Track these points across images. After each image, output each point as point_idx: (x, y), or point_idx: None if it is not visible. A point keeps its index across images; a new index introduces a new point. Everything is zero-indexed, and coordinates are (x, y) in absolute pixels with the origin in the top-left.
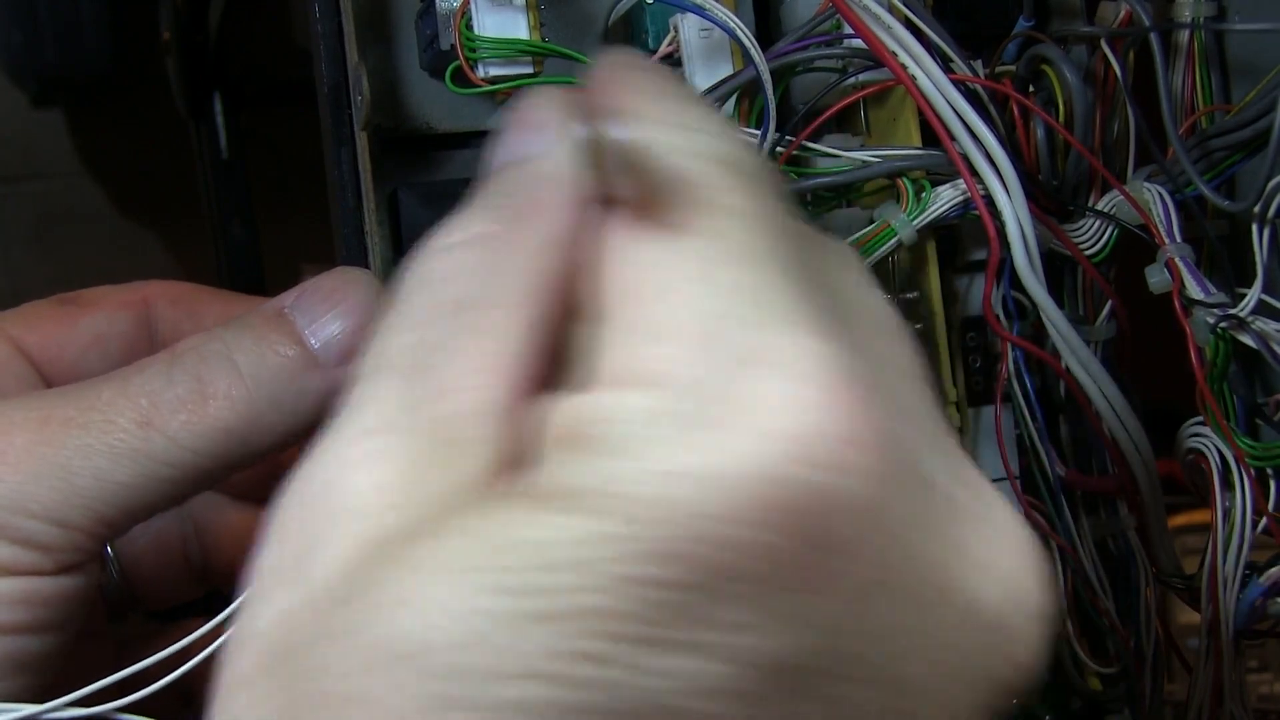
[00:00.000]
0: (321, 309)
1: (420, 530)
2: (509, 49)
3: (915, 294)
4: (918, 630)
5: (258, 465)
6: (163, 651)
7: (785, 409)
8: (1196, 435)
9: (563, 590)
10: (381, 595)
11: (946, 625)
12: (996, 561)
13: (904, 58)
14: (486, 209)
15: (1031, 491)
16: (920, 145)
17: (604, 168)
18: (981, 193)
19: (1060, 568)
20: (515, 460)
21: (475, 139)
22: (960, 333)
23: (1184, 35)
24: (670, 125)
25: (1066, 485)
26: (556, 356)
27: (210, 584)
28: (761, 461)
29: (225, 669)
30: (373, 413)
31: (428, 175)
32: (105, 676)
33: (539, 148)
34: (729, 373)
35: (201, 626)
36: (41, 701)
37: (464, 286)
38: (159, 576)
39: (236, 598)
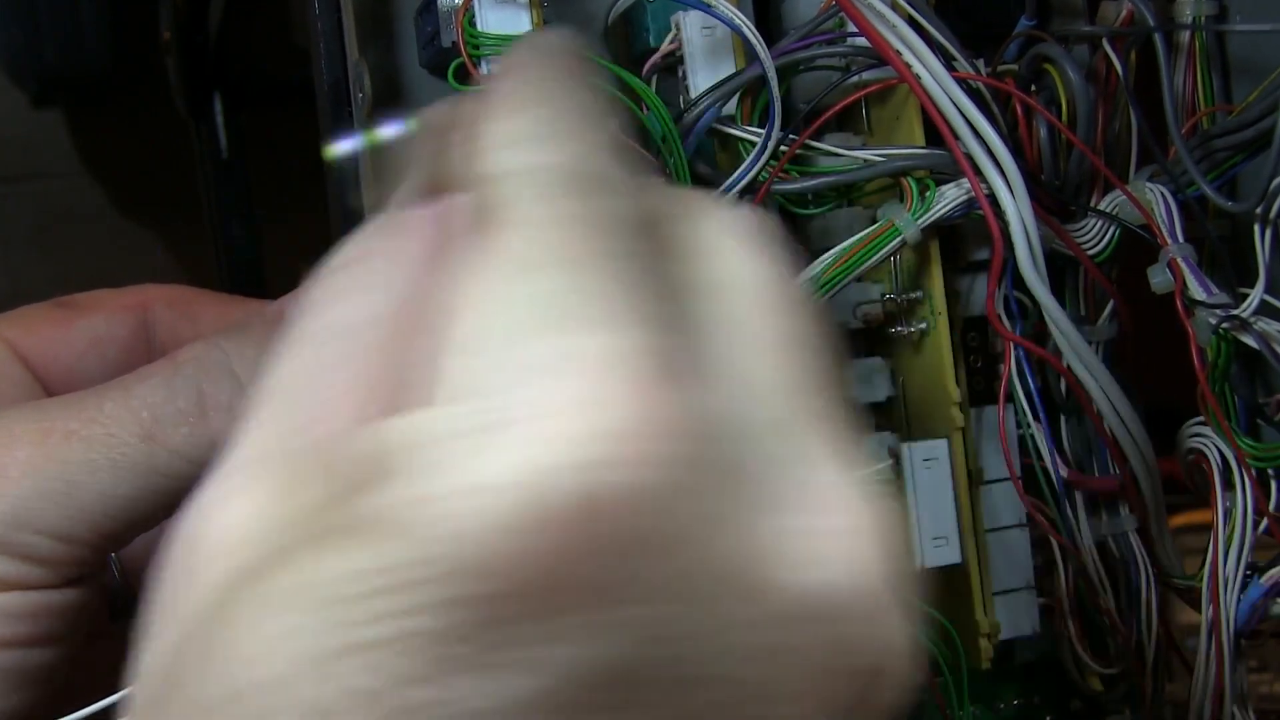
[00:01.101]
0: None
1: (259, 567)
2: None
3: (919, 294)
4: (742, 627)
5: None
6: None
7: (560, 412)
8: (1197, 435)
9: (375, 618)
10: (230, 632)
11: (779, 619)
12: (825, 548)
13: (908, 56)
14: (359, 233)
15: (1034, 491)
16: (924, 144)
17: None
18: (985, 192)
19: (1061, 567)
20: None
21: None
22: (962, 332)
23: (1185, 35)
24: (489, 146)
25: (1068, 485)
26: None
27: None
28: (546, 467)
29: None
30: (246, 444)
31: None
32: (110, 678)
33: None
34: (519, 382)
35: None
36: (47, 715)
37: (333, 313)
38: None
39: None
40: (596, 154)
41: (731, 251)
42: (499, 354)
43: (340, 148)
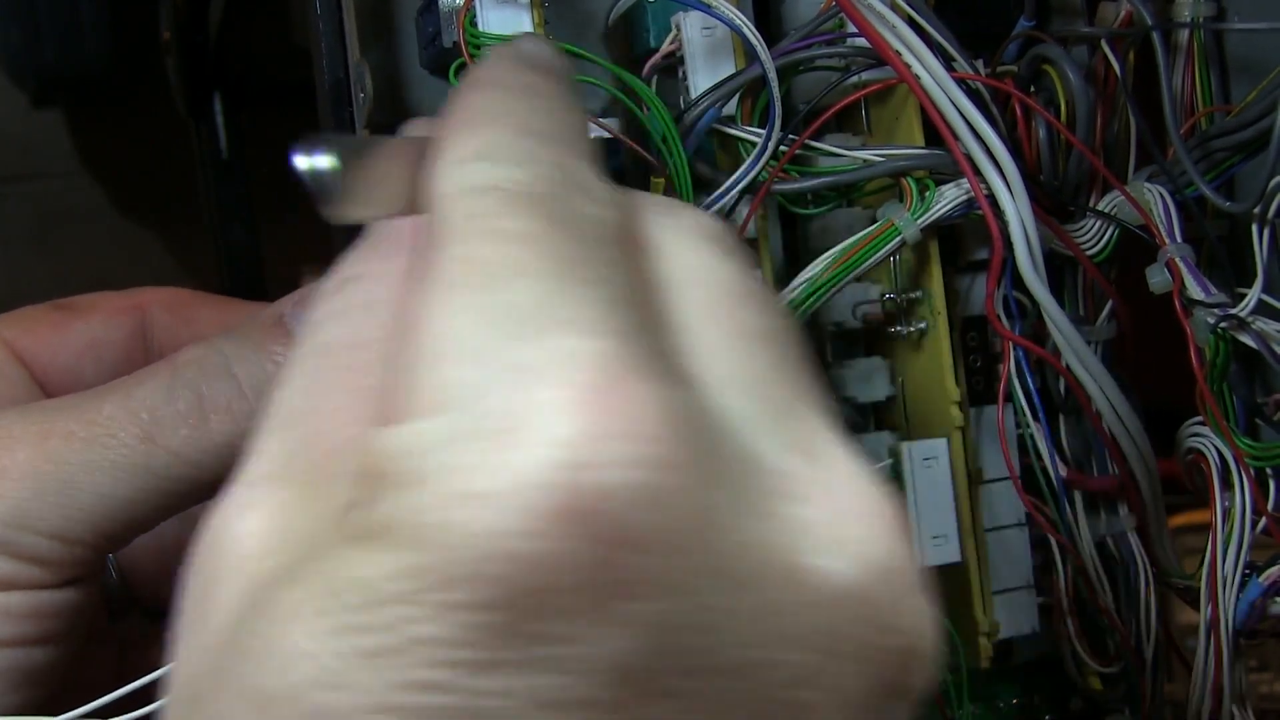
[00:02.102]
0: None
1: (284, 576)
2: None
3: (919, 293)
4: (765, 615)
5: None
6: (166, 668)
7: (556, 413)
8: (1196, 435)
9: (393, 624)
10: (252, 642)
11: (800, 606)
12: (843, 532)
13: (907, 56)
14: (358, 249)
15: (1033, 491)
16: (923, 144)
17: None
18: (985, 192)
19: (1061, 567)
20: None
21: None
22: (962, 332)
23: (1183, 35)
24: (449, 161)
25: (1067, 485)
26: None
27: None
28: (539, 470)
29: None
30: (257, 462)
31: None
32: (108, 678)
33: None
34: (502, 386)
35: None
36: (46, 714)
37: (338, 327)
38: (159, 578)
39: None
40: (557, 167)
41: (696, 251)
42: (476, 361)
43: (311, 159)
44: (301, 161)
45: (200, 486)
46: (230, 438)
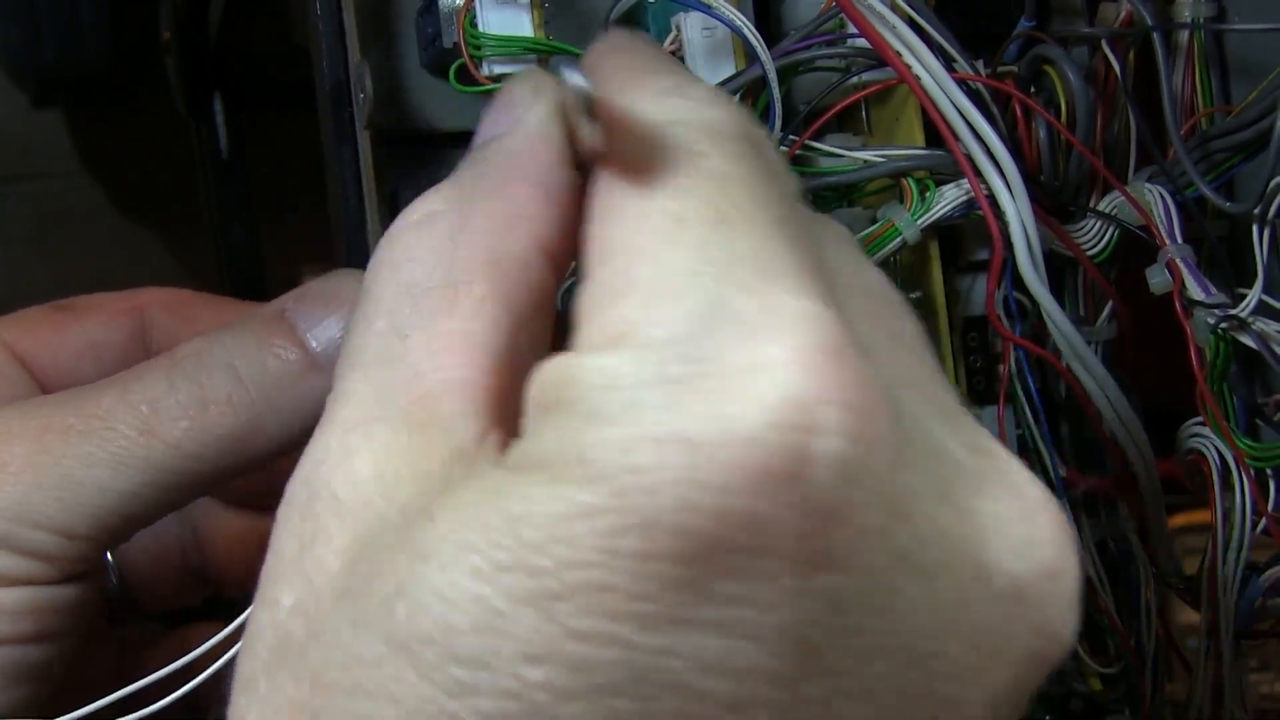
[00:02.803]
0: (321, 311)
1: (412, 516)
2: (514, 46)
3: (919, 294)
4: (945, 607)
5: (256, 472)
6: (170, 665)
7: (781, 371)
8: (1196, 435)
9: (554, 567)
10: (384, 585)
11: (966, 598)
12: (1012, 527)
13: (907, 57)
14: (448, 187)
15: None
16: (923, 145)
17: (579, 132)
18: (985, 193)
19: None
20: (502, 433)
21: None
22: (962, 333)
23: (1183, 36)
24: (653, 91)
25: (1068, 485)
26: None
27: (209, 588)
28: (756, 426)
29: (237, 671)
30: (351, 405)
31: (427, 175)
32: (107, 679)
33: (506, 125)
34: (719, 333)
35: (204, 632)
36: (44, 712)
37: (426, 267)
38: (158, 581)
39: (239, 603)
40: (750, 119)
41: (843, 250)
42: (693, 302)
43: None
44: (572, 76)
45: (201, 480)
46: (231, 430)
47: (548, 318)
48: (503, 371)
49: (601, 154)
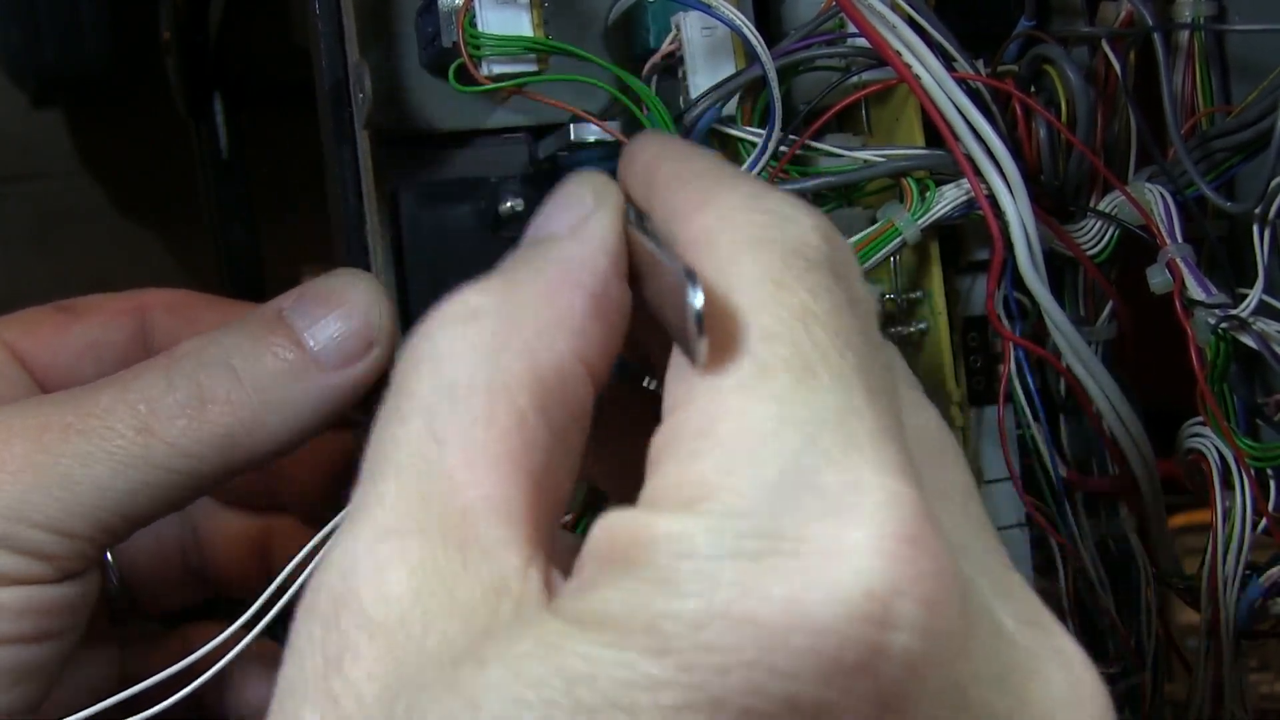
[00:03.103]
0: (320, 311)
1: (463, 657)
2: (513, 46)
3: (919, 294)
4: None
5: (255, 472)
6: (172, 667)
7: (862, 560)
8: (1196, 435)
9: None
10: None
11: None
12: (1060, 710)
13: (908, 57)
14: (497, 283)
15: (1033, 491)
16: (923, 145)
17: (636, 256)
18: (985, 193)
19: (1061, 567)
20: (544, 565)
21: (475, 138)
22: (962, 333)
23: (1184, 36)
24: (729, 208)
25: (1068, 485)
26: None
27: (209, 589)
28: (833, 617)
29: None
30: (384, 512)
31: (427, 174)
32: (109, 679)
33: (564, 226)
34: (801, 509)
35: (205, 632)
36: (45, 713)
37: (468, 368)
38: (158, 581)
39: (242, 603)
40: (833, 237)
41: (909, 392)
42: (774, 470)
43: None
44: (695, 297)
45: (200, 478)
46: (230, 428)
47: (584, 434)
48: (540, 493)
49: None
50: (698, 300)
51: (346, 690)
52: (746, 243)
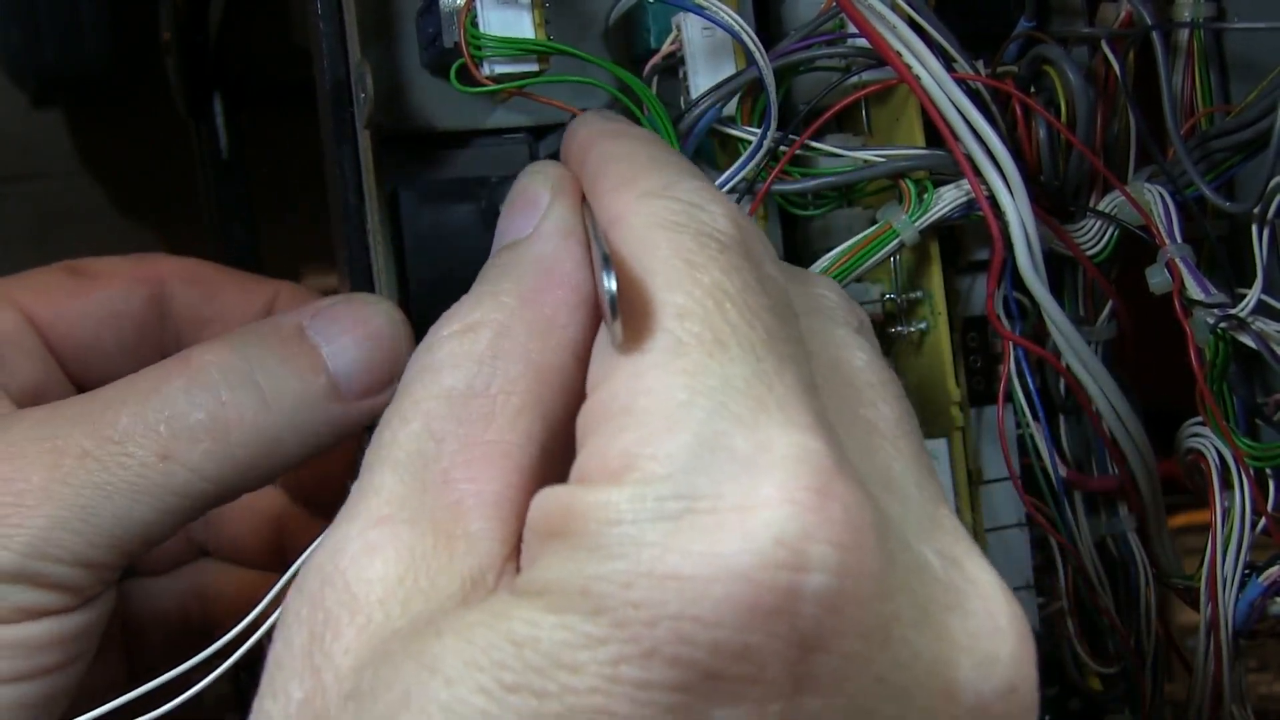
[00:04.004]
0: (343, 337)
1: (424, 629)
2: (514, 47)
3: (919, 294)
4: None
5: (262, 531)
6: (176, 669)
7: (773, 511)
8: (1196, 435)
9: (558, 691)
10: (388, 694)
11: (931, 713)
12: (979, 643)
13: (908, 57)
14: (484, 295)
15: (1033, 491)
16: (923, 145)
17: (590, 254)
18: (985, 193)
19: (1061, 567)
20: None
21: (475, 138)
22: (962, 332)
23: (1183, 35)
24: (642, 193)
25: (1067, 485)
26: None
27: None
28: (748, 565)
29: None
30: (379, 501)
31: (427, 174)
32: (116, 679)
33: (528, 227)
34: (715, 470)
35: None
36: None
37: (466, 375)
38: (162, 647)
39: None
40: (741, 219)
41: (831, 333)
42: (689, 436)
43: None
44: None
45: (219, 498)
46: (250, 453)
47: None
48: (532, 486)
49: (604, 280)
50: (611, 283)
51: (326, 664)
52: (661, 226)
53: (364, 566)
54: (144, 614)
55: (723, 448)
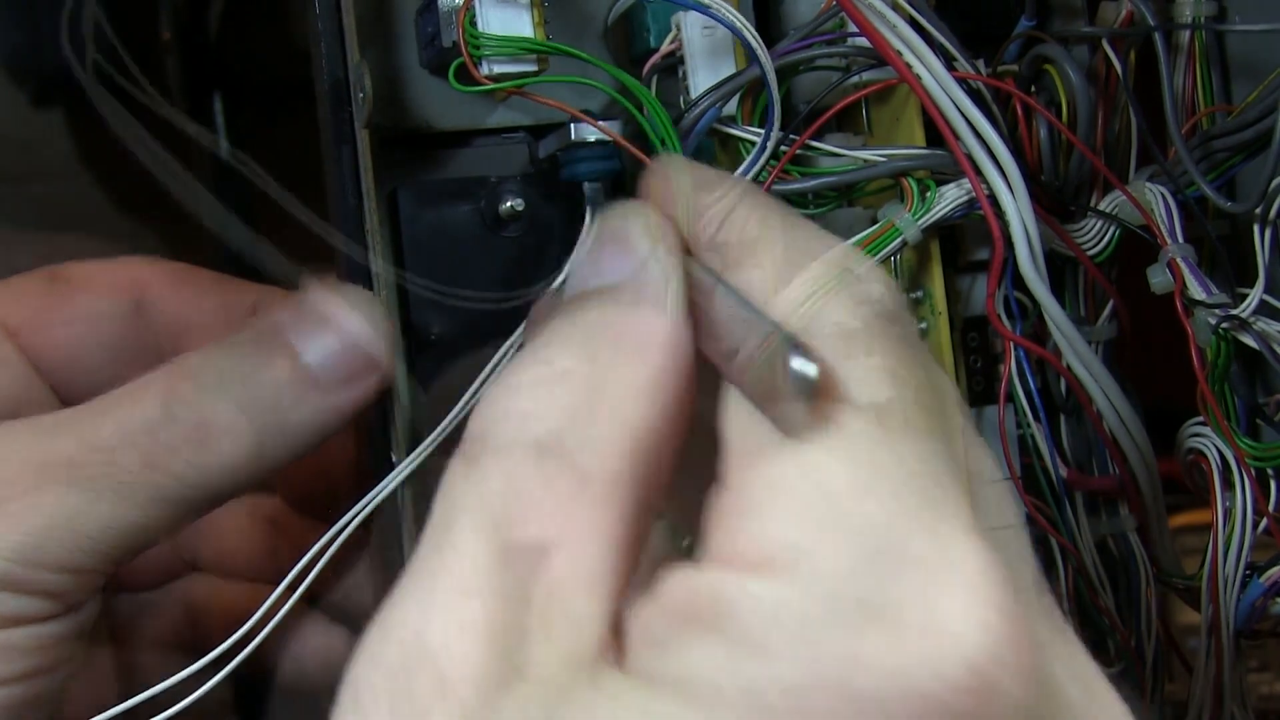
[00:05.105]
0: (319, 328)
1: (531, 716)
2: (513, 46)
3: (919, 294)
4: None
5: (253, 540)
6: (176, 675)
7: (964, 632)
8: (1197, 435)
9: None
10: None
11: None
12: None
13: (908, 56)
14: (572, 341)
15: (1033, 491)
16: (924, 145)
17: (700, 310)
18: (985, 192)
19: (1061, 567)
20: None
21: (474, 138)
22: (962, 332)
23: (1184, 35)
24: (782, 271)
25: (1068, 485)
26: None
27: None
28: (938, 689)
29: None
30: (464, 568)
31: (427, 174)
32: (107, 698)
33: (627, 274)
34: (898, 578)
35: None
36: None
37: (556, 429)
38: (153, 664)
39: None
40: (900, 305)
41: (971, 433)
42: (865, 535)
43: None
44: (802, 366)
45: (206, 504)
46: (233, 458)
47: (665, 491)
48: (629, 560)
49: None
50: (810, 370)
51: None
52: (818, 296)
53: (454, 644)
54: (134, 630)
55: (901, 551)
